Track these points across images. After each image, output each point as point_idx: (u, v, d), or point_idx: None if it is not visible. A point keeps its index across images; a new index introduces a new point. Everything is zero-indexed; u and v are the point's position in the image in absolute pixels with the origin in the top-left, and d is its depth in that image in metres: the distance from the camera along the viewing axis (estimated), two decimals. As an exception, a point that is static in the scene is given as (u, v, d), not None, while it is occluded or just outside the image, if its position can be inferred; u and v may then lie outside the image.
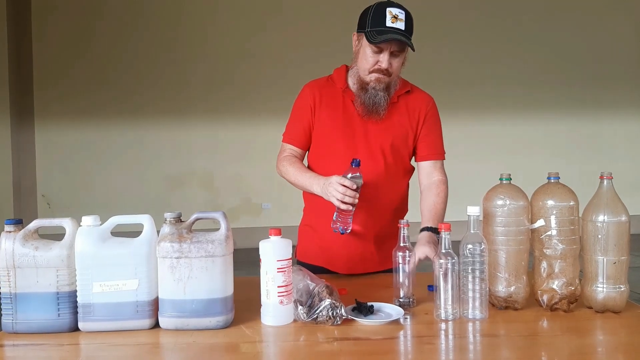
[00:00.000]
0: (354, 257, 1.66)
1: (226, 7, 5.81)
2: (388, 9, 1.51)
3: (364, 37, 1.54)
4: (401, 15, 1.51)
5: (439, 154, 1.71)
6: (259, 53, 5.80)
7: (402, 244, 1.36)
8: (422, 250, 1.45)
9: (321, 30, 5.74)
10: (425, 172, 1.71)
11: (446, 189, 1.69)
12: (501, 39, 6.08)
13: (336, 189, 1.44)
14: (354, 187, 1.44)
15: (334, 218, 1.51)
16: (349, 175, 1.45)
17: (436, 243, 1.47)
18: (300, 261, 1.75)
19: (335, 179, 1.45)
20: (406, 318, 1.24)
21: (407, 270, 1.34)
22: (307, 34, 5.80)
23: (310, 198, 1.73)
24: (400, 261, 1.35)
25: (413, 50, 1.54)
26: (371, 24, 1.52)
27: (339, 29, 5.62)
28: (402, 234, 1.37)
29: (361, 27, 1.57)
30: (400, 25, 1.50)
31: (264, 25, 5.83)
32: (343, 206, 1.44)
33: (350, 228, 1.51)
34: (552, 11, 6.10)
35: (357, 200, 1.45)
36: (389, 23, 1.50)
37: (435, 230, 1.54)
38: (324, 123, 1.66)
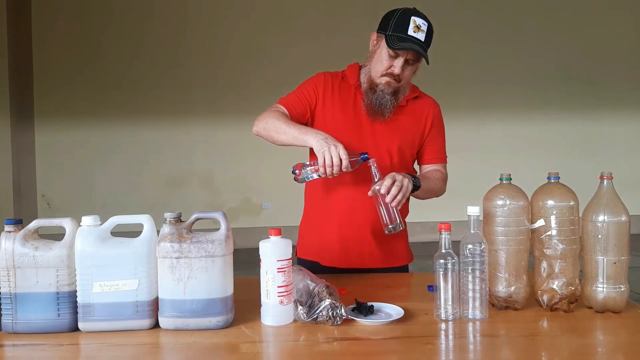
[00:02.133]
0: (354, 254, 1.67)
1: (227, 9, 5.81)
2: (413, 18, 1.51)
3: (384, 40, 1.54)
4: (424, 26, 1.52)
5: (441, 159, 1.75)
6: (259, 53, 5.81)
7: (375, 179, 1.50)
8: (391, 174, 1.48)
9: (321, 31, 5.75)
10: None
11: (443, 178, 1.74)
12: (501, 39, 6.09)
13: (333, 154, 1.44)
14: (344, 168, 1.45)
15: (305, 163, 1.54)
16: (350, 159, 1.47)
17: (407, 177, 1.51)
18: (300, 258, 1.76)
19: (342, 148, 1.45)
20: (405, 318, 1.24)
21: (382, 192, 1.46)
22: (307, 34, 5.81)
23: (312, 194, 1.74)
24: (378, 193, 1.47)
25: (427, 63, 1.56)
26: (393, 29, 1.52)
27: (339, 30, 5.64)
28: (372, 172, 1.50)
29: (382, 29, 1.56)
30: (421, 36, 1.51)
31: (264, 27, 5.83)
32: (321, 169, 1.46)
33: (305, 181, 1.55)
34: (552, 11, 6.10)
35: (333, 176, 1.47)
36: (410, 32, 1.50)
37: (415, 177, 1.57)
38: (334, 116, 1.65)
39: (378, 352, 1.09)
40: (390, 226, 1.49)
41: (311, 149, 1.57)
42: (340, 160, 1.43)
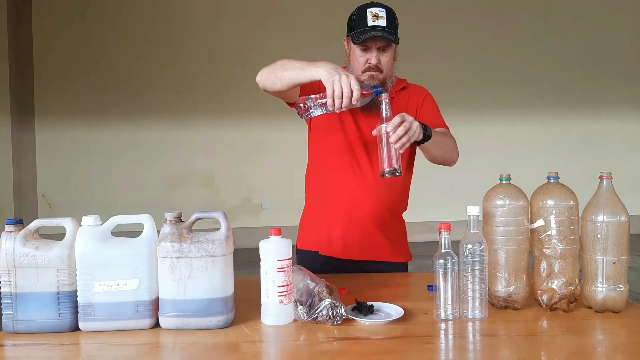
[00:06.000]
0: (354, 246, 1.68)
1: (228, 9, 5.82)
2: (368, 10, 1.56)
3: (351, 40, 1.59)
4: (381, 13, 1.55)
5: (442, 125, 1.71)
6: (259, 53, 5.80)
7: (383, 116, 1.40)
8: (401, 114, 1.41)
9: (320, 31, 5.74)
10: None
11: (453, 137, 1.67)
12: (501, 39, 6.09)
13: (344, 83, 1.36)
14: (355, 100, 1.37)
15: (312, 96, 1.44)
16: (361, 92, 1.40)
17: (418, 122, 1.44)
18: (300, 249, 1.76)
19: (353, 78, 1.38)
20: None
21: (385, 131, 1.37)
22: (306, 34, 5.81)
23: (314, 186, 1.75)
24: (383, 132, 1.39)
25: (397, 43, 1.57)
26: (355, 26, 1.57)
27: (338, 30, 5.63)
28: (382, 107, 1.41)
29: (348, 31, 1.62)
30: (382, 22, 1.54)
31: (264, 26, 5.84)
32: (329, 100, 1.38)
33: (310, 116, 1.46)
34: (552, 11, 6.10)
35: (340, 111, 1.40)
36: (370, 22, 1.54)
37: (425, 126, 1.50)
38: (329, 114, 1.65)
39: (378, 352, 1.09)
40: (387, 169, 1.41)
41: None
42: (352, 91, 1.36)
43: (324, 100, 1.41)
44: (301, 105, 1.46)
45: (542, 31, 6.11)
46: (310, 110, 1.45)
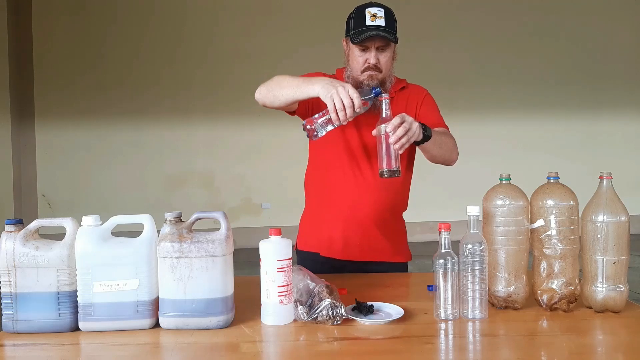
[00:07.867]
0: (355, 246, 1.69)
1: (226, 8, 5.82)
2: (367, 10, 1.57)
3: (350, 40, 1.60)
4: (380, 13, 1.56)
5: (441, 125, 1.70)
6: (259, 53, 5.81)
7: (383, 116, 1.42)
8: (401, 114, 1.41)
9: (317, 30, 5.74)
10: None
11: (452, 136, 1.67)
12: (501, 39, 6.09)
13: (342, 95, 1.37)
14: (357, 109, 1.37)
15: (315, 116, 1.44)
16: (362, 98, 1.40)
17: (418, 122, 1.44)
18: (300, 250, 1.77)
19: (350, 87, 1.39)
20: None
21: (385, 131, 1.38)
22: (306, 34, 5.81)
23: (314, 188, 1.75)
24: (382, 132, 1.39)
25: (395, 42, 1.58)
26: (353, 26, 1.58)
27: (335, 29, 5.62)
28: (382, 108, 1.42)
29: (347, 32, 1.63)
30: (380, 22, 1.55)
31: (263, 26, 5.84)
32: (333, 115, 1.38)
33: (318, 136, 1.46)
34: (552, 11, 6.10)
35: (346, 122, 1.40)
36: (368, 22, 1.55)
37: (425, 126, 1.49)
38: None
39: (378, 352, 1.09)
40: (386, 169, 1.41)
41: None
42: (352, 100, 1.37)
43: (328, 116, 1.41)
44: (308, 126, 1.46)
45: (542, 30, 6.11)
46: (318, 131, 1.45)
